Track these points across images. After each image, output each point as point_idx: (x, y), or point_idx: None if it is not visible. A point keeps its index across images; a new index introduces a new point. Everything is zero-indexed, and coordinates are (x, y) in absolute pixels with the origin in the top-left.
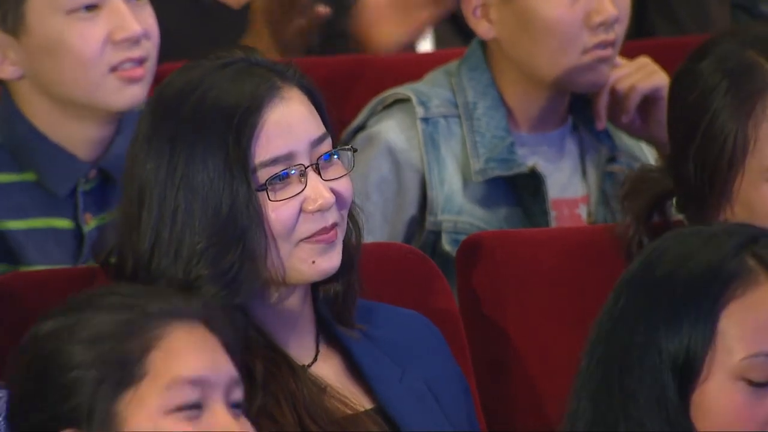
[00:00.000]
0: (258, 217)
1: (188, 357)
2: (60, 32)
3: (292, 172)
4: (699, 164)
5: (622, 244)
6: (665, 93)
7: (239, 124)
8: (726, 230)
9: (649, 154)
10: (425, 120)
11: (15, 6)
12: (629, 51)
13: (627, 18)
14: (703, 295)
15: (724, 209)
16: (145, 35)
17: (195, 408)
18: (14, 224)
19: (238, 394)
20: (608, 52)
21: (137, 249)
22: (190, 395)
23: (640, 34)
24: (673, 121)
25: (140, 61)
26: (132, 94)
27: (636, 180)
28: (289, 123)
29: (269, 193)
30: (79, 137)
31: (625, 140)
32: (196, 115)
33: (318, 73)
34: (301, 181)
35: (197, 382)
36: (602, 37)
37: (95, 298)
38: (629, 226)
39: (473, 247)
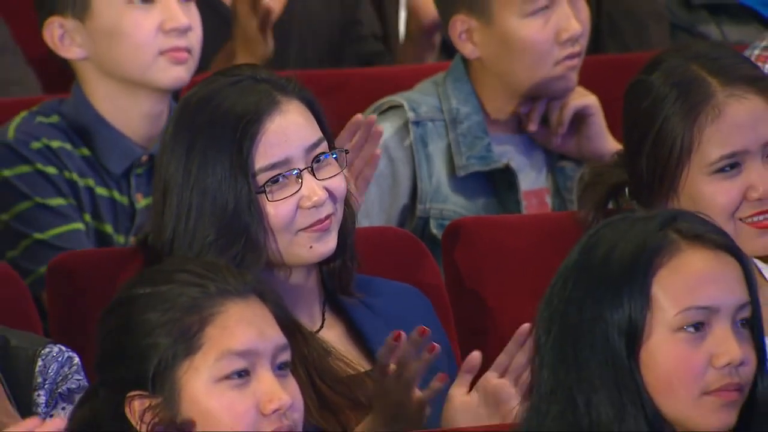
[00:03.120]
0: (258, 215)
1: (238, 332)
2: (119, 19)
3: (293, 172)
4: (651, 161)
5: (583, 228)
6: (594, 111)
7: (242, 135)
8: (649, 215)
9: None
10: (416, 123)
11: None
12: (584, 65)
13: (588, 32)
14: (636, 269)
15: (671, 200)
16: (191, 28)
17: (243, 374)
18: (86, 182)
19: (284, 357)
20: (575, 62)
21: (162, 238)
22: (237, 365)
23: (594, 51)
24: (627, 124)
25: (185, 50)
26: (177, 74)
27: (593, 174)
28: (285, 132)
29: (267, 195)
30: (135, 115)
31: None
32: (207, 126)
33: (322, 84)
34: (297, 182)
35: (244, 354)
36: (570, 50)
37: (170, 274)
38: (589, 212)
39: (457, 231)
